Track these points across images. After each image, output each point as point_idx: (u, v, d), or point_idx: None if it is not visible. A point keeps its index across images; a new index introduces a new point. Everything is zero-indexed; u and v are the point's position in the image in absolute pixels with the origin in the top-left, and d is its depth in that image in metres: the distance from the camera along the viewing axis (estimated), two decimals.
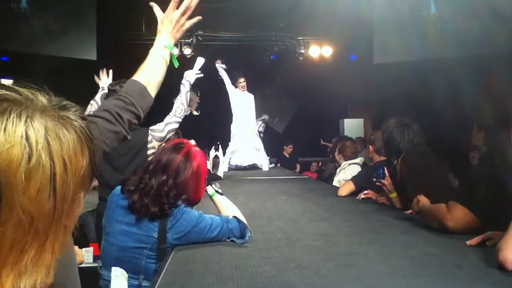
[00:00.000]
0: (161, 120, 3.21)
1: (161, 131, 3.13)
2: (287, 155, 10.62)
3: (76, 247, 2.56)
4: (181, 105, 3.26)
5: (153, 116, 3.35)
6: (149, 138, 3.07)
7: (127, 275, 1.91)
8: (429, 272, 1.62)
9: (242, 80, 6.97)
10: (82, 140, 0.73)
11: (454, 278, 1.56)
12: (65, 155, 0.70)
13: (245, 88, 6.98)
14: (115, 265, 2.00)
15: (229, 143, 6.83)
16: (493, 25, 5.67)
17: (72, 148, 0.71)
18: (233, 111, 7.00)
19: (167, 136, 3.16)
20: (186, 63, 8.61)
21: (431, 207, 2.37)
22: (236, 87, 6.97)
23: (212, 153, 5.22)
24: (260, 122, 11.35)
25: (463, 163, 4.29)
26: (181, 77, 3.49)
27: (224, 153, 5.86)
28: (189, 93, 3.39)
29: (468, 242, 1.95)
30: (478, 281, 1.55)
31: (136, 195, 2.02)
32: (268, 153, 7.09)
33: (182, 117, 3.26)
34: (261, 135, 11.24)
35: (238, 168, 6.91)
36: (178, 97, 3.31)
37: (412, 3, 6.85)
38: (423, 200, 2.42)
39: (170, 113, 3.22)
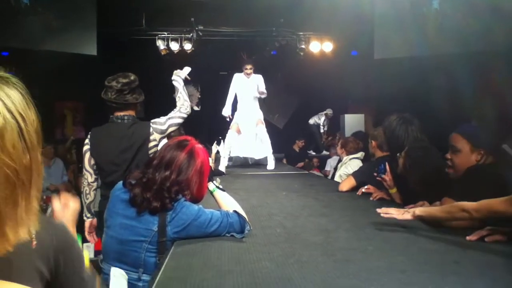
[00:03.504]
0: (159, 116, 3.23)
1: (162, 124, 3.14)
2: (297, 150, 10.56)
3: None
4: (185, 102, 3.27)
5: (153, 113, 3.37)
6: (150, 130, 3.08)
7: (126, 276, 1.92)
8: (428, 268, 1.63)
9: (249, 67, 6.42)
10: (25, 96, 0.81)
11: (453, 274, 1.56)
12: (20, 110, 0.77)
13: (251, 75, 6.44)
14: (115, 258, 2.01)
15: (227, 135, 6.25)
16: (493, 22, 5.64)
17: (22, 103, 0.79)
18: (237, 99, 6.50)
19: (169, 130, 3.17)
20: (187, 58, 8.62)
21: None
22: (241, 71, 6.47)
23: (214, 148, 5.24)
24: (323, 117, 11.30)
25: None
26: None
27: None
28: (185, 87, 3.39)
29: (467, 238, 1.96)
30: (477, 277, 1.55)
31: (138, 189, 2.03)
32: (274, 149, 6.55)
33: (188, 113, 3.26)
34: (325, 128, 11.18)
35: (240, 164, 6.71)
36: (179, 94, 3.30)
37: None
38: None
39: (174, 109, 3.24)
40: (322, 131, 11.24)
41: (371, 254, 1.82)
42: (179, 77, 3.41)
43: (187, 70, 3.52)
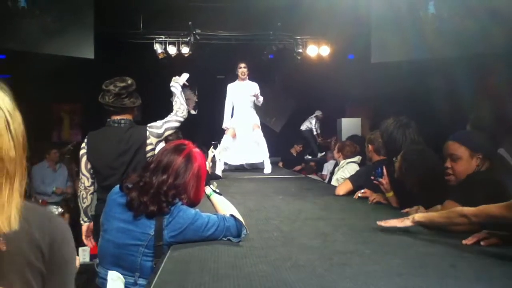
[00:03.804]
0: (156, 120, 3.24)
1: (158, 127, 3.14)
2: (295, 154, 10.54)
3: None
4: (182, 106, 3.28)
5: (150, 116, 3.37)
6: (147, 133, 3.09)
7: (123, 279, 1.91)
8: (425, 272, 1.63)
9: (242, 65, 6.36)
10: (12, 102, 0.84)
11: (450, 278, 1.56)
12: (8, 107, 0.82)
13: (245, 75, 6.36)
14: (112, 262, 2.01)
15: (222, 139, 6.17)
16: (491, 24, 5.66)
17: (10, 103, 0.83)
18: (234, 106, 6.44)
19: (165, 133, 3.17)
20: (185, 62, 8.61)
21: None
22: (236, 75, 6.43)
23: (211, 152, 5.23)
24: (313, 120, 11.29)
25: None
26: None
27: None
28: (182, 93, 3.41)
29: (464, 241, 1.95)
30: (473, 280, 1.55)
31: (134, 193, 2.02)
32: (270, 153, 6.48)
33: (185, 117, 3.27)
34: (318, 131, 11.16)
35: (237, 168, 6.67)
36: (176, 98, 3.33)
37: (410, 2, 6.84)
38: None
39: (171, 113, 3.25)
40: (315, 133, 11.25)
41: (368, 258, 1.82)
42: (177, 83, 3.43)
43: (185, 76, 3.53)
